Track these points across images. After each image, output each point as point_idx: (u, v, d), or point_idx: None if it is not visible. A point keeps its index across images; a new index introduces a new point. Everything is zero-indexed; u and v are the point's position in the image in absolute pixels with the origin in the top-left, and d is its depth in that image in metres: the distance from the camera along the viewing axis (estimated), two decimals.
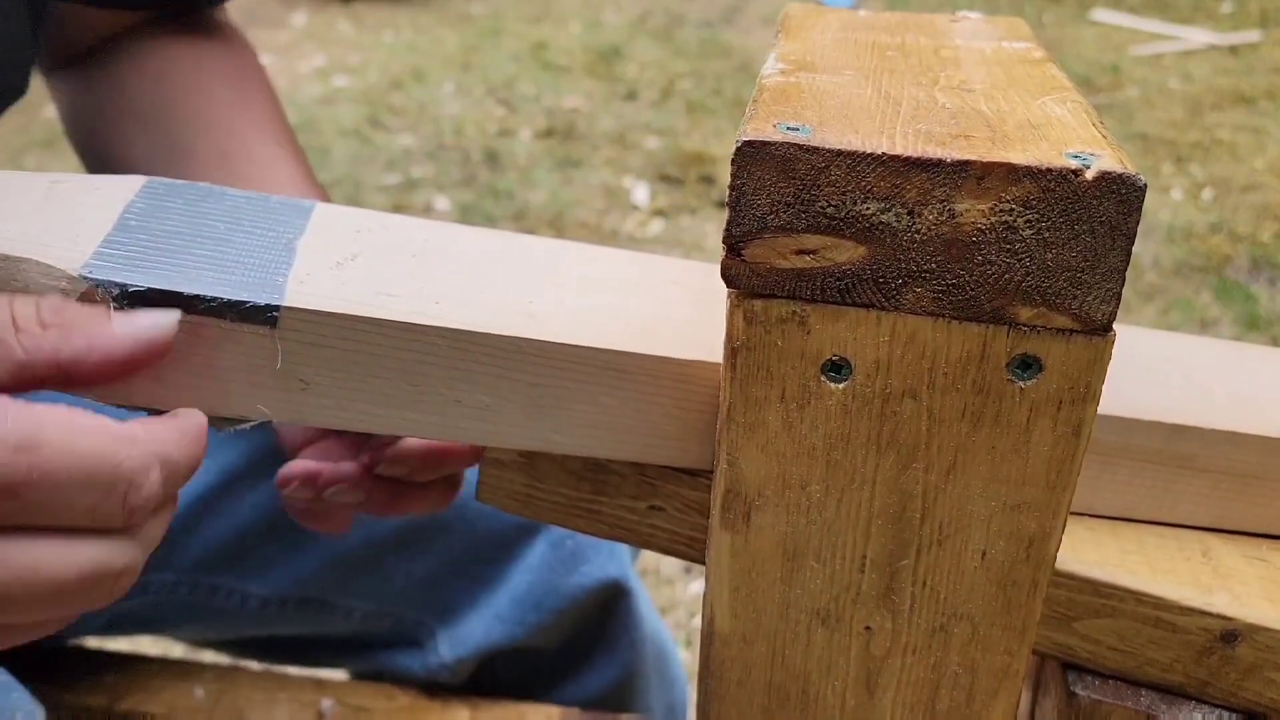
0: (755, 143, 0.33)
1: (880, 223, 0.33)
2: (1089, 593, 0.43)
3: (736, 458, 0.38)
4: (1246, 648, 0.42)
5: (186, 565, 0.74)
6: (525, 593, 0.76)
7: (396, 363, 0.40)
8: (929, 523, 0.38)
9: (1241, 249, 2.60)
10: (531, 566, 0.76)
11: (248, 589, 0.76)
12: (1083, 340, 0.34)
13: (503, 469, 0.46)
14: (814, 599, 0.40)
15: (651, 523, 0.45)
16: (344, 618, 0.78)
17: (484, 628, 0.77)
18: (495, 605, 0.77)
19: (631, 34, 4.16)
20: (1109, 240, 0.33)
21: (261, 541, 0.74)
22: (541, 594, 0.76)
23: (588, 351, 0.40)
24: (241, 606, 0.76)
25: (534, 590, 0.76)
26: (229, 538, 0.74)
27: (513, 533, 0.76)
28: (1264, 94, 3.44)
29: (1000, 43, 0.45)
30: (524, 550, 0.77)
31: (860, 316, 0.35)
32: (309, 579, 0.76)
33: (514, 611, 0.77)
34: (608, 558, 0.78)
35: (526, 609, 0.76)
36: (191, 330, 0.39)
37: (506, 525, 0.76)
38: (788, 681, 0.42)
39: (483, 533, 0.76)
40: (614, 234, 2.69)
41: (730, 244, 0.34)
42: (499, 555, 0.77)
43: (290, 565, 0.75)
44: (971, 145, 0.33)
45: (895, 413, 0.36)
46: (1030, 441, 0.36)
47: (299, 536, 0.75)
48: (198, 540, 0.73)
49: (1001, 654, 0.40)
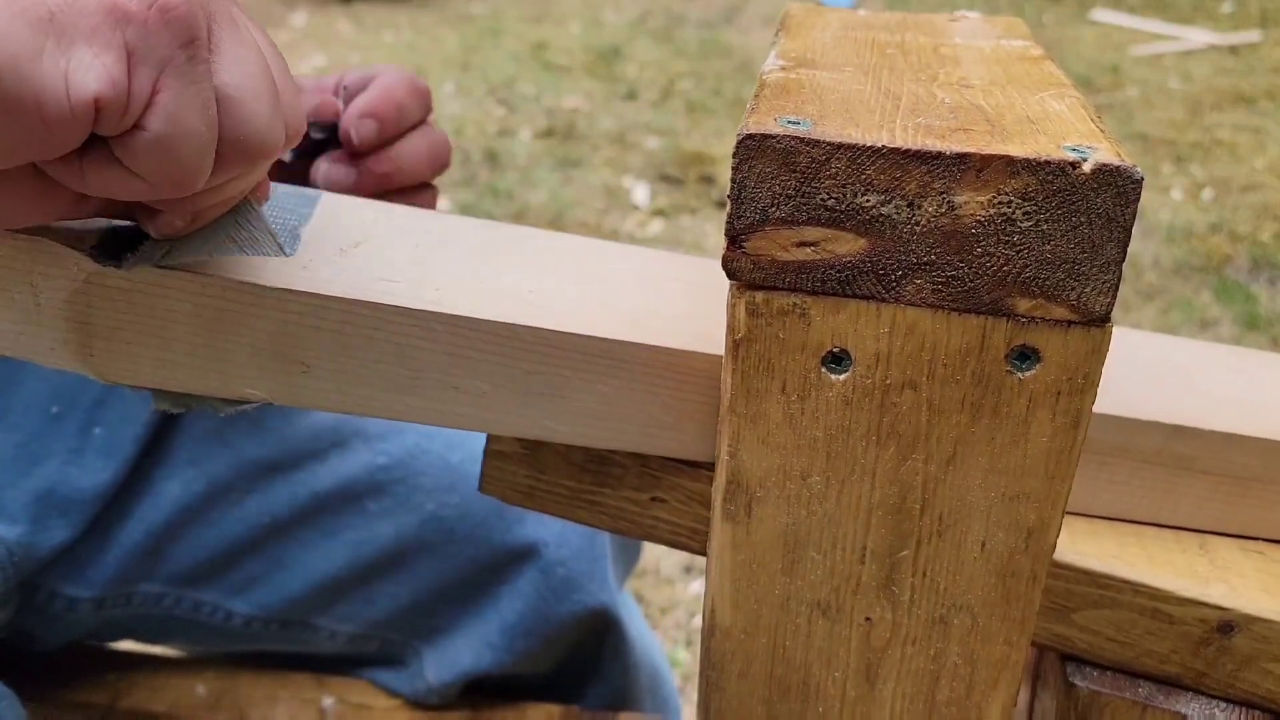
0: (757, 136, 0.33)
1: (880, 215, 0.34)
2: (1087, 584, 0.43)
3: (738, 449, 0.38)
4: (1243, 639, 0.42)
5: (171, 577, 0.73)
6: (515, 620, 0.75)
7: (396, 348, 0.40)
8: (929, 514, 0.38)
9: (1241, 249, 2.60)
10: (522, 593, 0.75)
11: (232, 606, 0.75)
12: (1081, 331, 0.34)
13: (505, 461, 0.46)
14: (814, 590, 0.40)
15: (654, 514, 0.46)
16: (329, 638, 0.78)
17: (472, 654, 0.76)
18: (484, 632, 0.76)
19: (631, 34, 4.16)
20: (1106, 232, 0.33)
21: (245, 558, 0.74)
22: (531, 621, 0.75)
23: (585, 340, 0.40)
24: (226, 623, 0.76)
25: (524, 618, 0.75)
26: (214, 551, 0.73)
27: (502, 558, 0.75)
28: (1264, 94, 3.45)
29: (999, 41, 0.45)
30: (514, 576, 0.75)
31: (861, 308, 0.35)
32: (293, 599, 0.75)
33: (503, 639, 0.76)
34: (599, 585, 0.77)
35: (516, 636, 0.75)
36: (195, 311, 0.40)
37: (495, 550, 0.75)
38: (788, 673, 0.42)
39: (469, 558, 0.75)
40: (614, 234, 2.69)
41: (732, 237, 0.35)
42: (488, 581, 0.76)
43: (273, 584, 0.75)
44: (970, 138, 0.33)
45: (895, 404, 0.36)
46: (1029, 432, 0.36)
47: (283, 556, 0.74)
48: (183, 550, 0.73)
49: (1001, 645, 0.40)
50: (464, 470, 0.75)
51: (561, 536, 0.75)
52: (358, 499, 0.74)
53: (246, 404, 0.42)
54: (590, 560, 0.76)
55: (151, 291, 0.40)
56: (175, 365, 0.41)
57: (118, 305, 0.40)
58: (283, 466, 0.73)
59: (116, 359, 0.41)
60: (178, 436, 0.72)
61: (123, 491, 0.70)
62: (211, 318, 0.40)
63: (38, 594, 0.70)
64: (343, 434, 0.74)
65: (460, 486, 0.74)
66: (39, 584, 0.70)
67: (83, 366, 0.41)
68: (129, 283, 0.39)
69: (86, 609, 0.72)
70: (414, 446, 0.74)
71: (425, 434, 0.75)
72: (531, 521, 0.75)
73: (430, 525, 0.74)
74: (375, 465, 0.74)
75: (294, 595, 0.75)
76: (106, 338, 0.41)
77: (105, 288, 0.40)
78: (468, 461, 0.75)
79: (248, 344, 0.40)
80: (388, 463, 0.73)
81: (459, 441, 0.76)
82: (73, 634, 0.74)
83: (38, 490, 0.66)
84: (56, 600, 0.71)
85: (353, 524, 0.74)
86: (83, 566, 0.70)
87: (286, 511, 0.73)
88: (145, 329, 0.40)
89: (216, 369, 0.41)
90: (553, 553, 0.75)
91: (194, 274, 0.39)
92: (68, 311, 0.40)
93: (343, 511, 0.74)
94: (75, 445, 0.67)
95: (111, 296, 0.40)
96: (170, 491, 0.72)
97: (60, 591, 0.71)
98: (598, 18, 4.37)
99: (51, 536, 0.66)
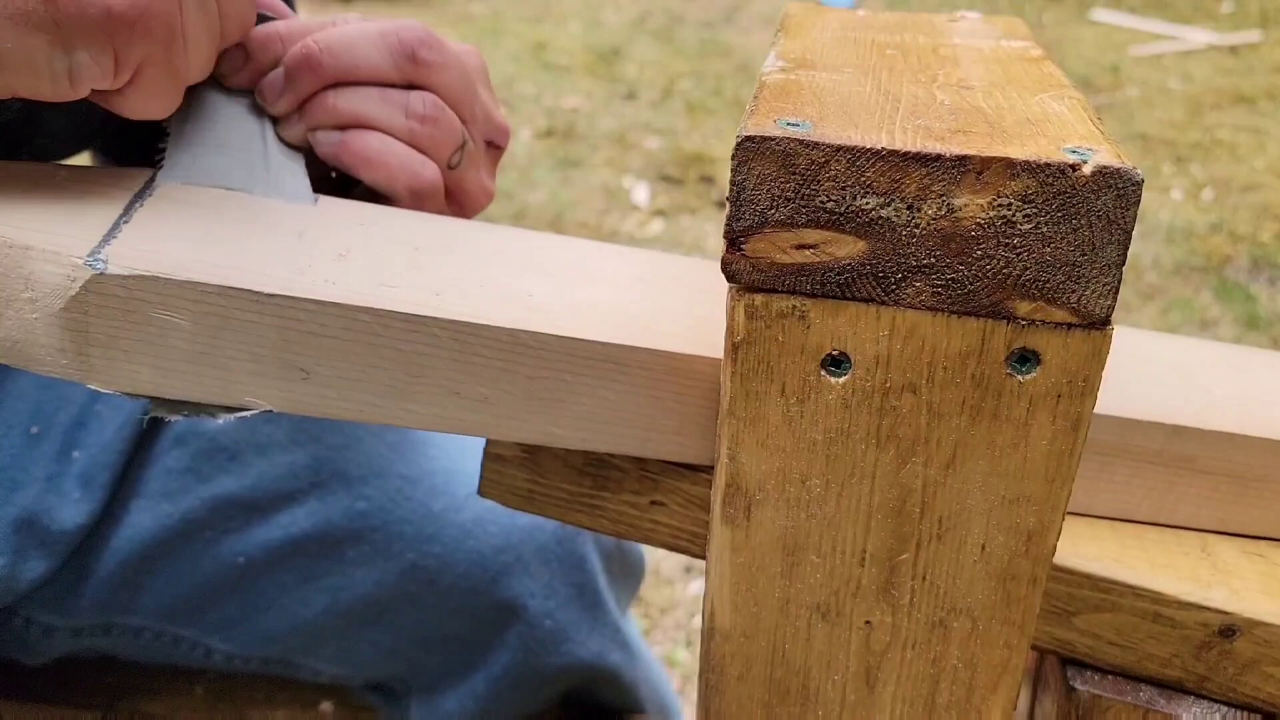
0: (756, 138, 0.33)
1: (880, 217, 0.34)
2: (1088, 587, 0.43)
3: (737, 452, 0.38)
4: (1245, 642, 0.42)
5: (149, 611, 0.71)
6: (501, 674, 0.73)
7: (396, 353, 0.40)
8: (928, 517, 0.38)
9: (1241, 249, 2.60)
10: (509, 647, 0.73)
11: (211, 643, 0.73)
12: (1081, 334, 0.34)
13: (504, 465, 0.46)
14: (814, 593, 0.40)
15: (653, 518, 0.46)
16: (313, 675, 0.76)
17: (458, 703, 0.74)
18: (471, 683, 0.74)
19: (631, 34, 4.16)
20: (1107, 234, 0.33)
21: (222, 598, 0.72)
22: (519, 675, 0.73)
23: (586, 345, 0.40)
24: (206, 659, 0.74)
25: (510, 671, 0.73)
26: (189, 589, 0.71)
27: (486, 612, 0.72)
28: (1264, 94, 3.45)
29: (998, 41, 0.45)
30: (501, 630, 0.73)
31: (860, 311, 0.35)
32: (272, 640, 0.73)
33: (489, 689, 0.74)
34: (588, 633, 0.74)
35: (503, 689, 0.73)
36: (194, 318, 0.39)
37: (479, 605, 0.72)
38: (788, 676, 0.42)
39: (452, 610, 0.72)
40: (614, 234, 2.69)
41: (731, 239, 0.35)
42: (473, 635, 0.73)
43: (252, 626, 0.73)
44: (970, 140, 0.33)
45: (895, 407, 0.36)
46: (1029, 435, 0.36)
47: (260, 598, 0.72)
48: (159, 585, 0.71)
49: (1001, 648, 0.40)
50: (446, 519, 0.72)
51: (549, 587, 0.73)
52: (336, 545, 0.71)
53: (245, 411, 0.41)
54: (580, 608, 0.74)
55: (150, 298, 0.39)
56: (174, 372, 0.40)
57: (115, 312, 0.40)
58: (259, 507, 0.70)
59: (114, 367, 0.40)
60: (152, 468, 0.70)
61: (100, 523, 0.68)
62: (210, 324, 0.40)
63: (14, 619, 0.69)
64: (322, 475, 0.71)
65: (442, 536, 0.71)
66: (16, 610, 0.69)
67: (80, 375, 0.41)
68: (126, 290, 0.39)
69: (64, 636, 0.70)
70: (395, 492, 0.71)
71: (408, 479, 0.72)
72: (518, 572, 0.72)
73: (410, 576, 0.71)
74: (354, 511, 0.71)
75: (272, 637, 0.73)
76: (104, 345, 0.40)
77: (102, 295, 0.39)
78: (450, 510, 0.72)
79: (247, 350, 0.40)
80: (367, 508, 0.70)
81: (442, 489, 0.73)
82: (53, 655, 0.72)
83: (17, 520, 0.64)
84: (33, 627, 0.69)
85: (330, 570, 0.71)
86: (60, 596, 0.68)
87: (261, 554, 0.71)
88: (143, 336, 0.40)
89: (215, 376, 0.41)
90: (540, 605, 0.72)
91: (192, 280, 0.39)
92: (64, 319, 0.40)
93: (319, 556, 0.71)
94: (54, 471, 0.66)
95: (109, 303, 0.39)
96: (143, 524, 0.69)
97: (36, 619, 0.69)
98: (598, 18, 4.37)
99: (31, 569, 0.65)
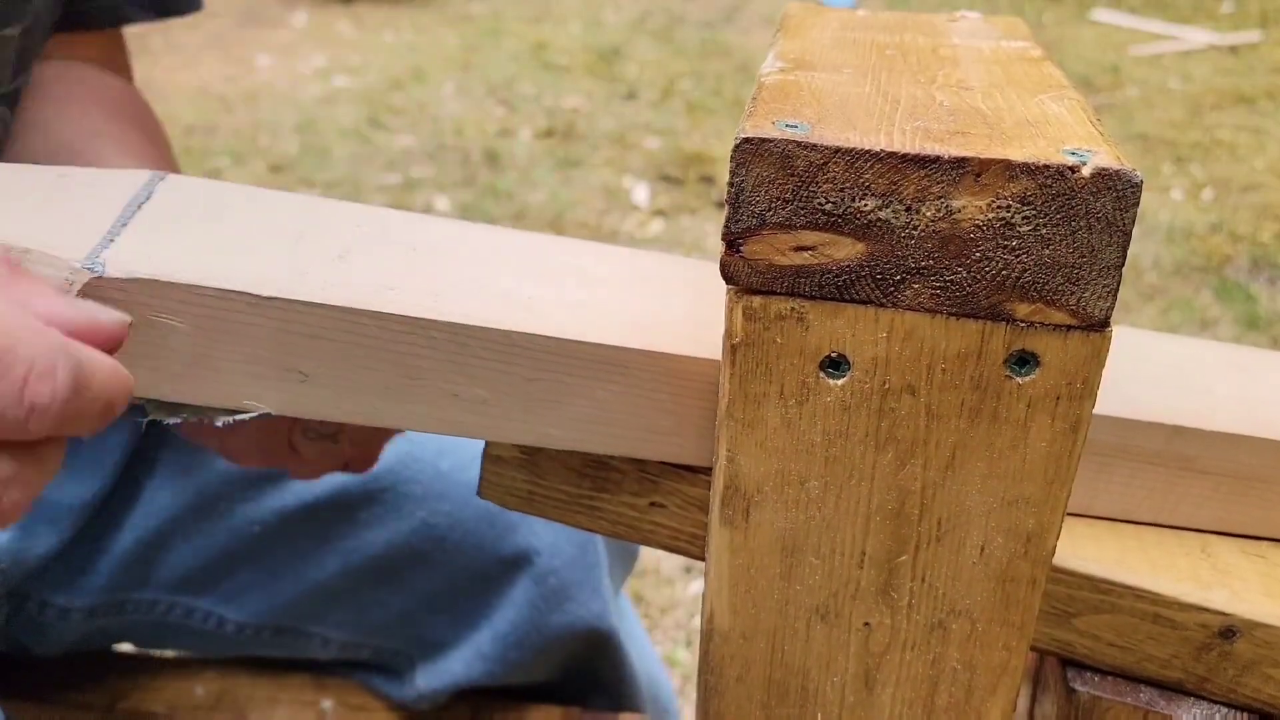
0: (754, 139, 0.33)
1: (878, 219, 0.33)
2: (1088, 589, 0.43)
3: (736, 454, 0.38)
4: (1245, 644, 0.42)
5: (164, 584, 0.73)
6: (508, 630, 0.75)
7: (395, 355, 0.40)
8: (927, 519, 0.38)
9: (1241, 249, 2.60)
10: (514, 602, 0.75)
11: (224, 614, 0.75)
12: (1080, 336, 0.34)
13: (504, 466, 0.46)
14: (813, 595, 0.40)
15: (652, 519, 0.46)
16: (321, 645, 0.78)
17: (464, 664, 0.76)
18: (476, 641, 0.76)
19: (631, 34, 4.16)
20: (1106, 236, 0.33)
21: (237, 566, 0.74)
22: (524, 632, 0.75)
23: (585, 346, 0.40)
24: (219, 630, 0.76)
25: (517, 627, 0.75)
26: (205, 559, 0.73)
27: (494, 566, 0.75)
28: (1264, 94, 3.45)
29: (998, 42, 0.45)
30: (506, 585, 0.75)
31: (859, 313, 0.35)
32: (285, 607, 0.75)
33: (495, 649, 0.76)
34: (592, 595, 0.76)
35: (508, 646, 0.75)
36: (192, 321, 0.39)
37: (487, 558, 0.74)
38: (787, 677, 0.42)
39: (461, 566, 0.75)
40: (614, 234, 2.69)
41: (729, 240, 0.35)
42: (480, 589, 0.75)
43: (266, 592, 0.75)
44: (969, 142, 0.33)
45: (894, 409, 0.36)
46: (1028, 437, 0.36)
47: (275, 564, 0.74)
48: (175, 558, 0.73)
49: (1000, 650, 0.40)
50: (454, 478, 0.74)
51: (554, 545, 0.75)
52: (348, 507, 0.73)
53: (244, 413, 0.41)
54: (584, 569, 0.76)
55: (148, 301, 0.39)
56: (172, 375, 0.40)
57: None
58: (272, 475, 0.73)
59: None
60: (167, 445, 0.72)
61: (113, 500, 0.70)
62: (208, 327, 0.39)
63: (28, 603, 0.70)
64: None
65: (451, 494, 0.74)
66: (29, 593, 0.70)
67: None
68: (125, 293, 0.39)
69: (79, 618, 0.72)
70: (404, 454, 0.74)
71: (415, 441, 0.75)
72: (524, 529, 0.74)
73: (421, 534, 0.74)
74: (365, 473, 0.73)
75: (286, 602, 0.75)
76: None
77: (101, 298, 0.39)
78: (458, 469, 0.75)
79: (245, 353, 0.40)
80: (377, 471, 0.72)
81: (449, 448, 0.75)
82: (66, 642, 0.74)
83: None
84: (48, 610, 0.71)
85: (343, 532, 0.74)
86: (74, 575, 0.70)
87: (276, 520, 0.73)
88: (141, 339, 0.40)
89: (214, 378, 0.40)
90: (545, 561, 0.74)
91: (191, 283, 0.39)
92: None
93: (333, 520, 0.74)
94: None
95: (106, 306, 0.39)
96: (160, 500, 0.72)
97: (52, 601, 0.70)
98: (598, 18, 4.37)
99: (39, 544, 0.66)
